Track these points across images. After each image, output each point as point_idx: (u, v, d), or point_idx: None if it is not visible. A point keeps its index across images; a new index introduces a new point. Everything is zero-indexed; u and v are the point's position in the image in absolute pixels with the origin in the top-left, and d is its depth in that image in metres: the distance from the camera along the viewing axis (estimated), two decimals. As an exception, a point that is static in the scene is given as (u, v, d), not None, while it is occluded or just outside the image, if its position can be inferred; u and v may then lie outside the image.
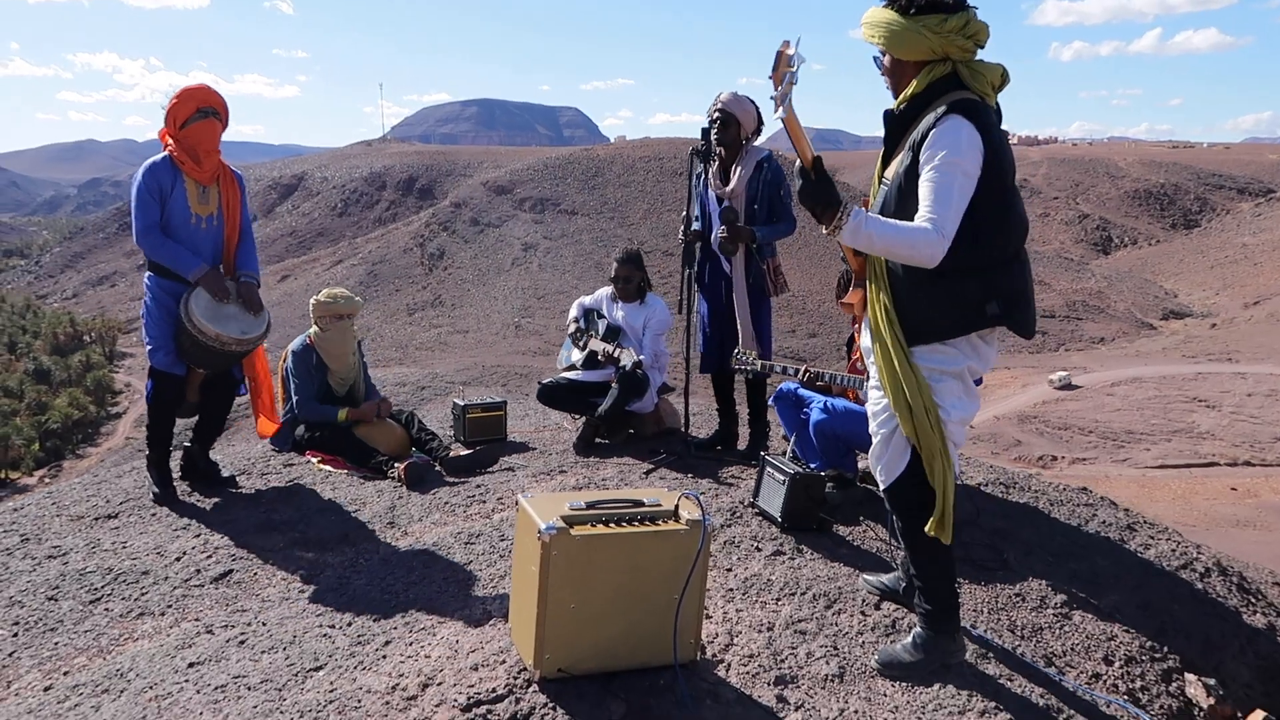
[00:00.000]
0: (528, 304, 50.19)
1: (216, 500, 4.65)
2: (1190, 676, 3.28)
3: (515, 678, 2.70)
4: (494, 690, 2.65)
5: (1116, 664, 3.20)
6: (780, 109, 2.42)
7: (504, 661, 2.79)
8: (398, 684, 2.78)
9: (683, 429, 5.14)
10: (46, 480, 38.47)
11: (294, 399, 5.28)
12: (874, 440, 2.85)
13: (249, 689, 2.88)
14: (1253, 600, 4.00)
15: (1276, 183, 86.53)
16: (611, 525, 2.62)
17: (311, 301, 5.36)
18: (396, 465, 4.86)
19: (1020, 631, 3.28)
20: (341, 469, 5.07)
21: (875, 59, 2.69)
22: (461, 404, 5.72)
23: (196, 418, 4.82)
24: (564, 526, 2.54)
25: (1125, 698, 3.04)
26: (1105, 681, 3.11)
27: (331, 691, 2.80)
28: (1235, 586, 4.03)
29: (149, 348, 4.44)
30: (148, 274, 4.41)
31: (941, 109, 2.52)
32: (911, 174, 2.55)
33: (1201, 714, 3.17)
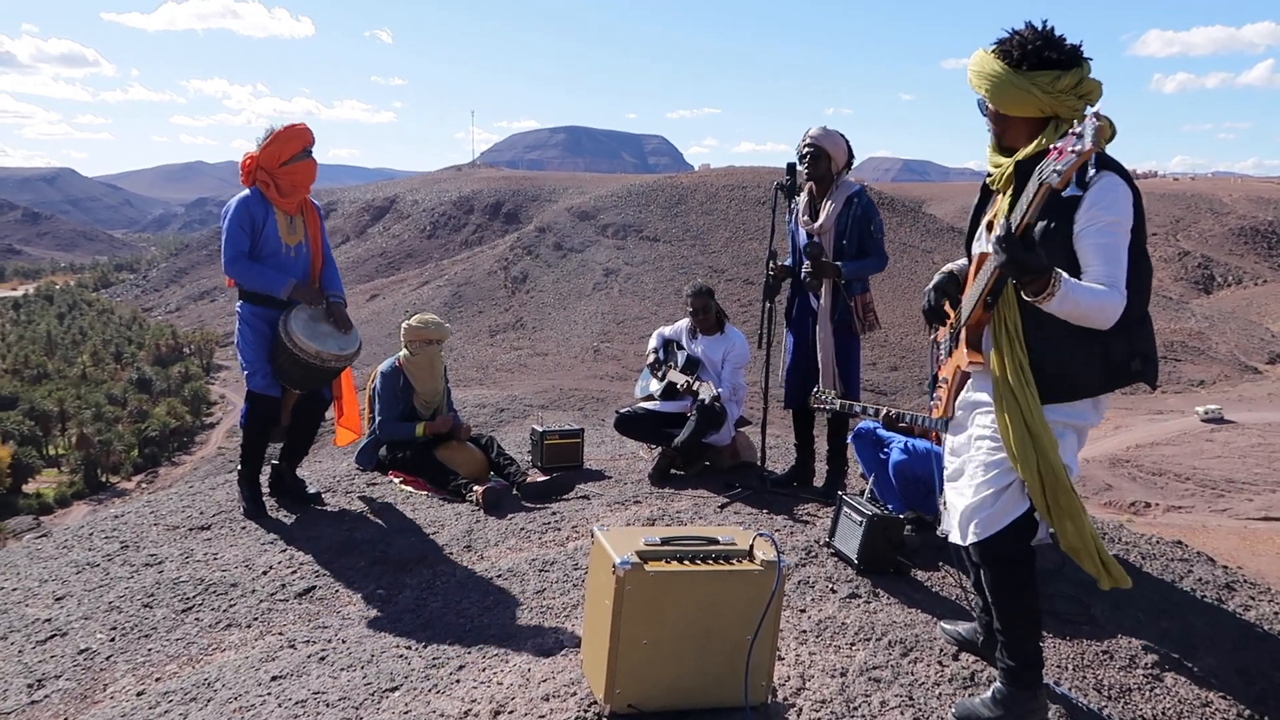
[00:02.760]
0: (607, 329, 50.58)
1: (302, 516, 4.80)
2: (1292, 750, 3.10)
3: (585, 710, 2.71)
4: (564, 722, 2.67)
5: (1211, 732, 3.04)
6: (1059, 180, 2.24)
7: (574, 694, 2.81)
8: (470, 709, 2.82)
9: (759, 463, 5.10)
10: (144, 485, 40.20)
11: (377, 419, 5.43)
12: (974, 493, 2.70)
13: (328, 705, 2.96)
14: (1364, 671, 3.76)
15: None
16: (686, 563, 2.62)
17: (403, 326, 5.52)
18: (475, 488, 4.95)
19: (1107, 692, 3.15)
20: (422, 490, 5.18)
21: (979, 103, 2.60)
22: (540, 430, 5.79)
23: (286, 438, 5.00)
24: (639, 562, 2.55)
25: (1220, 769, 2.89)
26: (1199, 750, 2.96)
27: (406, 713, 2.85)
28: (1344, 655, 3.80)
29: (246, 373, 4.65)
30: (239, 302, 4.63)
31: (1092, 168, 2.41)
32: (1062, 231, 2.46)
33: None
